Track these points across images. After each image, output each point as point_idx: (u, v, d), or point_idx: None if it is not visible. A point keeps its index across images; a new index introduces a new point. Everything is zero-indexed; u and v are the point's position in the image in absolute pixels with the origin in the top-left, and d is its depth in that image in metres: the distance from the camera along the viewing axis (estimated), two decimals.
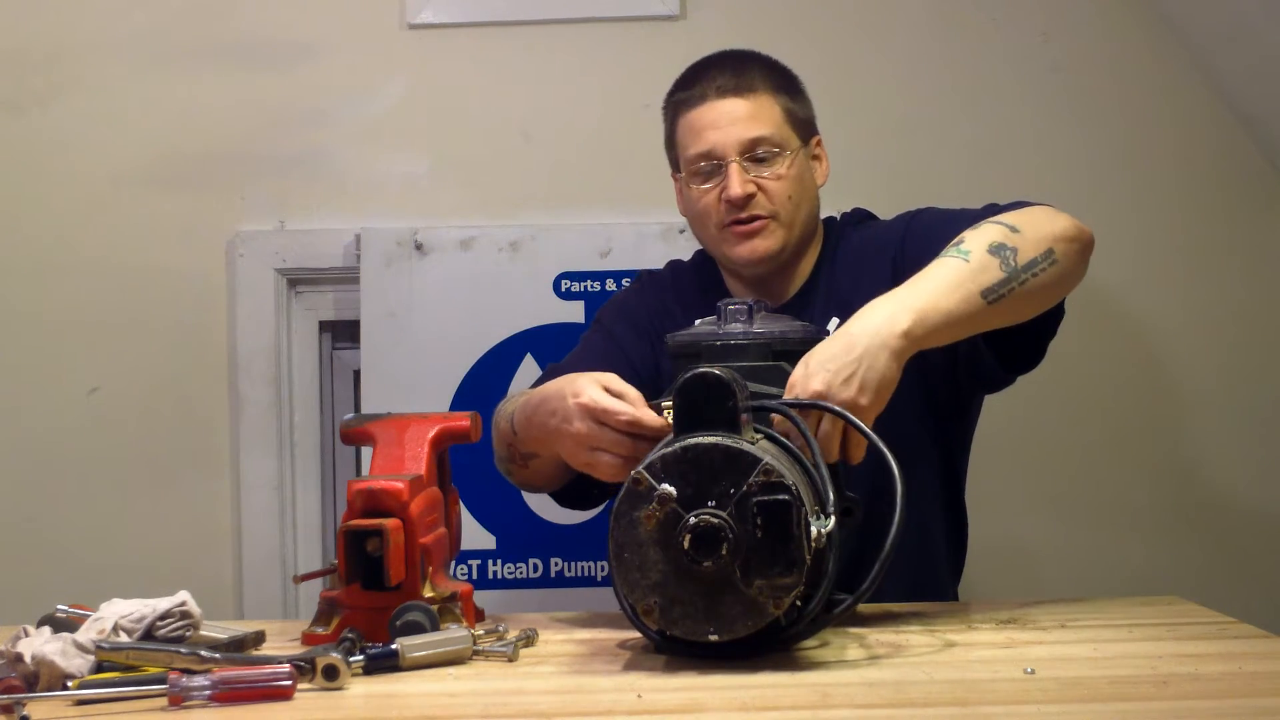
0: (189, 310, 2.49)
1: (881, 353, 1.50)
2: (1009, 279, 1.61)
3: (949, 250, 1.63)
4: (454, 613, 1.53)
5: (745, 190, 1.86)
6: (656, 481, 1.32)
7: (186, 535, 2.48)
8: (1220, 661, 1.34)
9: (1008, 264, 1.61)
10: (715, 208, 1.88)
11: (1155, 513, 2.46)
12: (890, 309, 1.54)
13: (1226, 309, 2.47)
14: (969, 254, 1.61)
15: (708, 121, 1.88)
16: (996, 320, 1.64)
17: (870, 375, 1.49)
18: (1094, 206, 2.45)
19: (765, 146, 1.87)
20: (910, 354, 1.54)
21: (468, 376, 2.43)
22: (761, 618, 1.31)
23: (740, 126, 1.86)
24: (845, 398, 1.48)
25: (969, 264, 1.60)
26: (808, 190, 1.92)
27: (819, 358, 1.51)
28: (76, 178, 2.49)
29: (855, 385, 1.49)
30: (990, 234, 1.64)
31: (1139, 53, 2.46)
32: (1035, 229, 1.66)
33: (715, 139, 1.87)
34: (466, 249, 2.44)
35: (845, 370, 1.49)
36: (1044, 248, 1.65)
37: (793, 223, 1.89)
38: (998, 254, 1.61)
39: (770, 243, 1.88)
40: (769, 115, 1.88)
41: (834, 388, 1.48)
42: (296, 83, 2.49)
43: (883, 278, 1.85)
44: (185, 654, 1.30)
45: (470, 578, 2.40)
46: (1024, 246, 1.63)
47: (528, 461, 1.78)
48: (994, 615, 1.61)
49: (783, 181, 1.87)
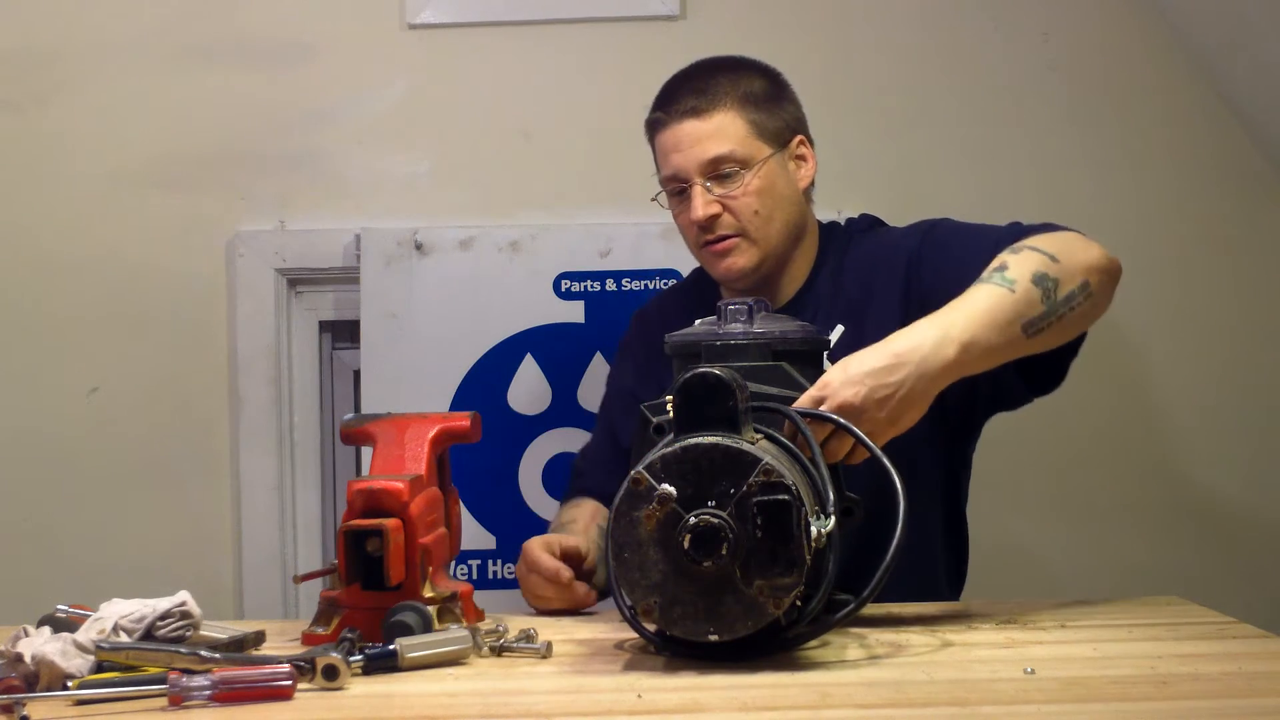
0: (189, 310, 2.49)
1: (922, 381, 1.50)
2: (1049, 312, 1.61)
3: (993, 277, 1.61)
4: (454, 613, 1.53)
5: (708, 212, 1.87)
6: (656, 481, 1.32)
7: (186, 535, 2.48)
8: (1220, 661, 1.34)
9: (1049, 297, 1.61)
10: (690, 228, 1.91)
11: (1155, 513, 2.46)
12: (938, 336, 1.53)
13: (1227, 309, 2.47)
14: (1014, 284, 1.59)
15: (671, 144, 1.89)
16: (1029, 350, 1.63)
17: (906, 401, 1.49)
18: (1093, 206, 2.46)
19: (727, 165, 1.87)
20: (948, 384, 1.54)
21: (468, 376, 2.43)
22: (761, 618, 1.31)
23: (699, 148, 1.87)
24: (875, 416, 1.48)
25: (1014, 295, 1.59)
26: (781, 198, 1.90)
27: (860, 368, 1.50)
28: (76, 178, 2.49)
29: (889, 407, 1.48)
30: (1033, 263, 1.63)
31: (1139, 53, 2.46)
32: (1072, 259, 1.65)
33: (678, 161, 1.88)
34: (466, 249, 2.44)
35: (884, 390, 1.49)
36: (1080, 280, 1.65)
37: (765, 236, 1.89)
38: (1040, 285, 1.61)
39: (743, 259, 1.89)
40: (730, 132, 1.87)
41: (867, 403, 1.48)
42: (296, 83, 2.49)
43: (896, 286, 1.85)
44: (185, 654, 1.30)
45: (470, 578, 2.40)
46: (1064, 279, 1.63)
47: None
48: (994, 615, 1.61)
49: (748, 197, 1.87)
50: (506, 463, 2.42)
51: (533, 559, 1.76)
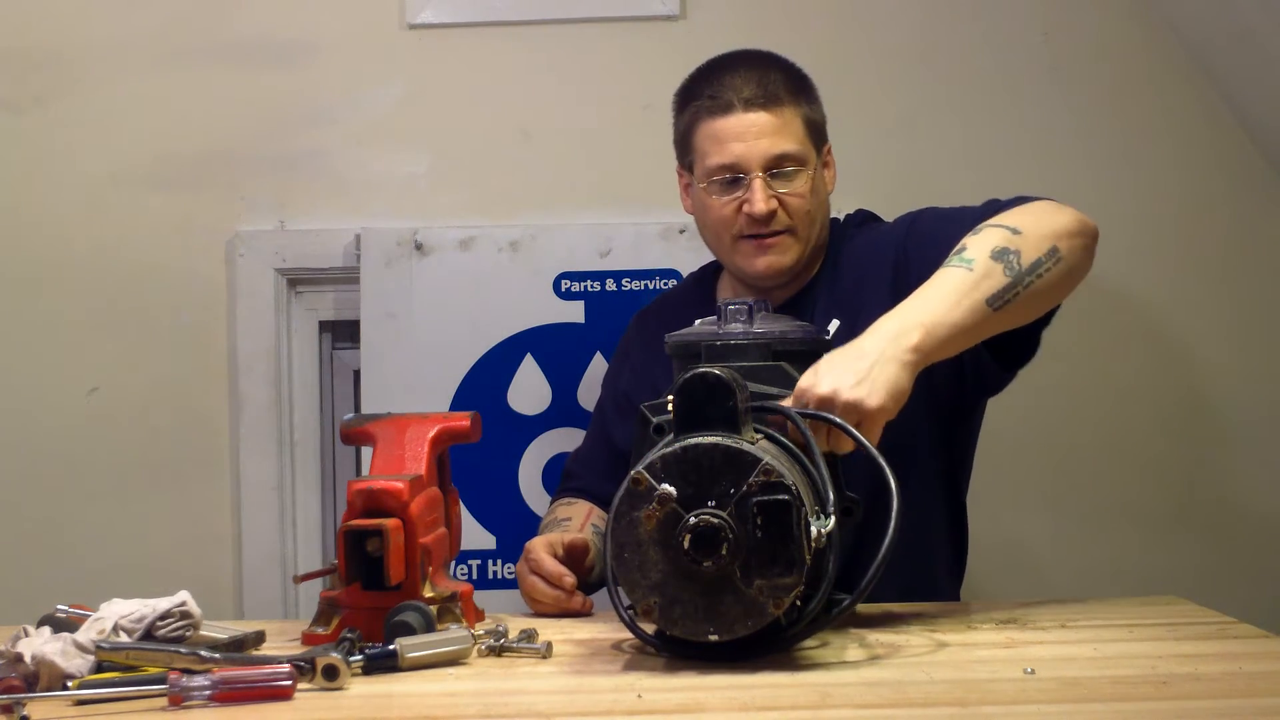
0: (189, 310, 2.49)
1: (891, 365, 1.50)
2: (1014, 284, 1.60)
3: (952, 260, 1.62)
4: (454, 613, 1.53)
5: (769, 206, 1.86)
6: (656, 481, 1.32)
7: (186, 535, 2.48)
8: (1220, 661, 1.34)
9: (1011, 268, 1.61)
10: (734, 219, 1.88)
11: (1155, 513, 2.46)
12: (899, 324, 1.54)
13: (1226, 309, 2.47)
14: (972, 262, 1.60)
15: (733, 133, 1.87)
16: (1005, 324, 1.64)
17: (879, 385, 1.49)
18: (1093, 206, 2.44)
19: (790, 163, 1.87)
20: (921, 368, 1.53)
21: (468, 376, 2.43)
22: (761, 618, 1.31)
23: (766, 141, 1.86)
24: (854, 397, 1.47)
25: (972, 273, 1.59)
26: (822, 203, 1.93)
27: (828, 364, 1.51)
28: (76, 178, 2.49)
29: (863, 391, 1.48)
30: (992, 239, 1.63)
31: (1139, 53, 2.46)
32: (1037, 228, 1.66)
33: (740, 152, 1.86)
34: (466, 249, 2.44)
35: (855, 375, 1.49)
36: (1047, 246, 1.64)
37: (808, 237, 1.90)
38: (1000, 259, 1.61)
39: (786, 258, 1.89)
40: (793, 130, 1.87)
41: (841, 394, 1.47)
42: (296, 83, 2.48)
43: (884, 280, 1.85)
44: (185, 654, 1.30)
45: (470, 578, 2.40)
46: (1026, 248, 1.63)
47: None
48: (994, 615, 1.61)
49: (803, 197, 1.88)
50: (506, 463, 2.42)
51: (535, 559, 1.76)
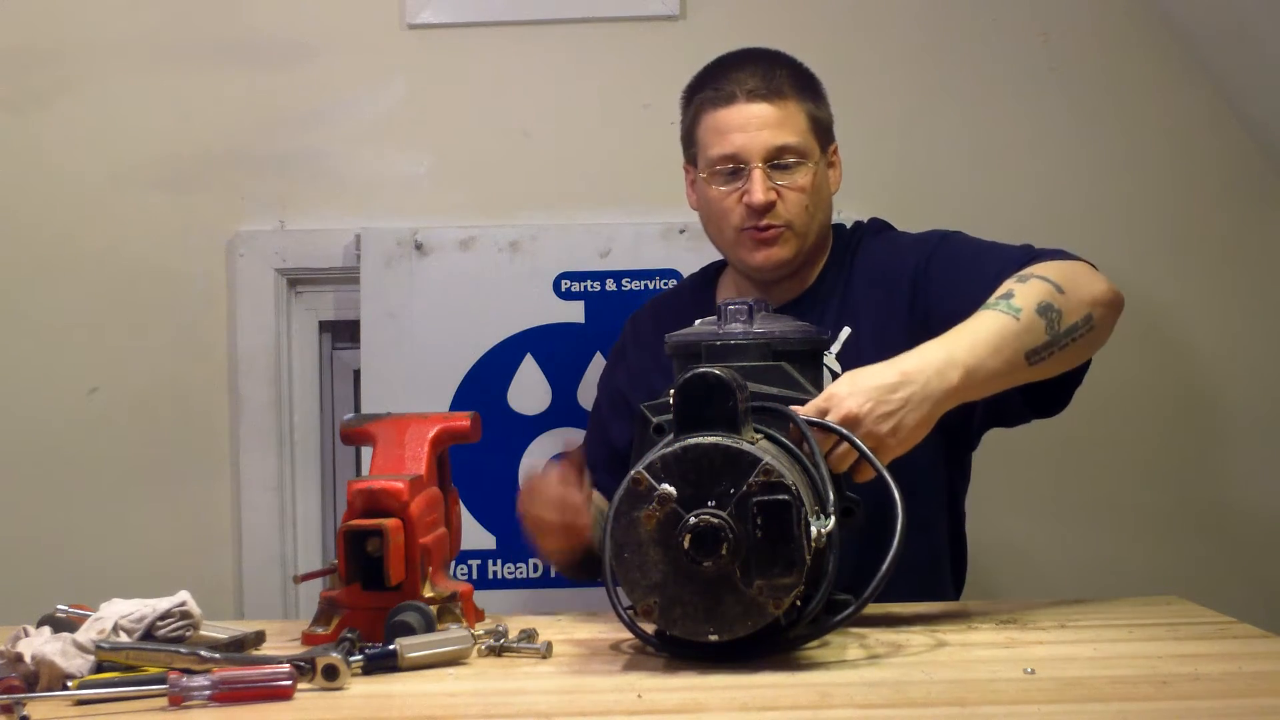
0: (189, 310, 2.49)
1: (926, 403, 1.51)
2: (1051, 342, 1.62)
3: (999, 304, 1.62)
4: (454, 613, 1.53)
5: (768, 197, 1.86)
6: (656, 481, 1.32)
7: (186, 535, 2.48)
8: (1220, 661, 1.34)
9: (1052, 327, 1.62)
10: (735, 210, 1.89)
11: (1155, 513, 2.46)
12: (944, 359, 1.54)
13: (1226, 309, 2.47)
14: (1019, 311, 1.60)
15: (735, 124, 1.87)
16: (1030, 378, 1.64)
17: (908, 421, 1.50)
18: (1093, 207, 2.47)
19: (790, 155, 1.87)
20: (950, 408, 1.54)
21: (468, 376, 2.43)
22: (761, 618, 1.31)
23: (768, 133, 1.86)
24: (877, 431, 1.48)
25: (1018, 323, 1.59)
26: (823, 200, 1.92)
27: (867, 382, 1.51)
28: (76, 178, 2.49)
29: (891, 424, 1.48)
30: (1039, 293, 1.63)
31: (1139, 53, 2.46)
32: (1078, 291, 1.66)
33: (741, 142, 1.86)
34: (466, 249, 2.44)
35: (887, 406, 1.49)
36: (1084, 312, 1.66)
37: (807, 233, 1.90)
38: (1045, 315, 1.61)
39: (784, 251, 1.89)
40: (796, 123, 1.88)
41: (869, 418, 1.48)
42: (296, 83, 2.49)
43: (901, 293, 1.85)
44: (185, 654, 1.30)
45: (470, 578, 2.40)
46: (1068, 310, 1.63)
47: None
48: (994, 615, 1.61)
49: (803, 193, 1.88)
50: (506, 463, 2.42)
51: (544, 477, 1.81)
